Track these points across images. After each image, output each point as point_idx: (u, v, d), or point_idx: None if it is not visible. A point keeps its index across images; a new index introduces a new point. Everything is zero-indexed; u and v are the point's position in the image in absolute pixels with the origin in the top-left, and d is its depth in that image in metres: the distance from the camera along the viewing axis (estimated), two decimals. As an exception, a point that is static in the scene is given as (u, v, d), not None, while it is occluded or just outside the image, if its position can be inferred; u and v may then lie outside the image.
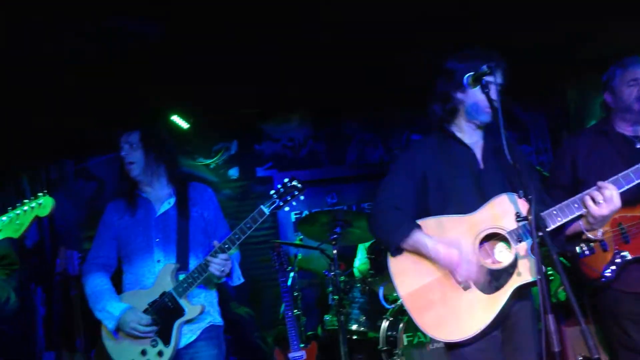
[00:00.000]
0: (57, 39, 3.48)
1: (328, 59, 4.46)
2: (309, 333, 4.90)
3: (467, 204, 2.33)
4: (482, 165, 2.43)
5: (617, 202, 2.17)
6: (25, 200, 1.89)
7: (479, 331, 2.21)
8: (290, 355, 4.20)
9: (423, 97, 2.58)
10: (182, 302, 2.73)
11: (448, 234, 2.31)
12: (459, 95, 2.43)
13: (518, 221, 2.17)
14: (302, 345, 4.28)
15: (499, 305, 2.21)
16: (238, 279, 2.93)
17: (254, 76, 4.65)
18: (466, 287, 2.25)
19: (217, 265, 2.69)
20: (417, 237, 2.31)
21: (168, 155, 3.00)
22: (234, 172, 5.84)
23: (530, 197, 2.01)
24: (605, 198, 2.16)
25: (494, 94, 2.25)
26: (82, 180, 5.62)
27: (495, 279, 2.23)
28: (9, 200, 1.96)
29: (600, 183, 2.20)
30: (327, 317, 4.59)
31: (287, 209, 2.75)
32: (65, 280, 4.76)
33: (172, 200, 2.95)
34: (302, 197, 2.75)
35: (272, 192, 2.74)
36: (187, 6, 3.41)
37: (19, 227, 1.87)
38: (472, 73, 2.31)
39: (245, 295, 5.45)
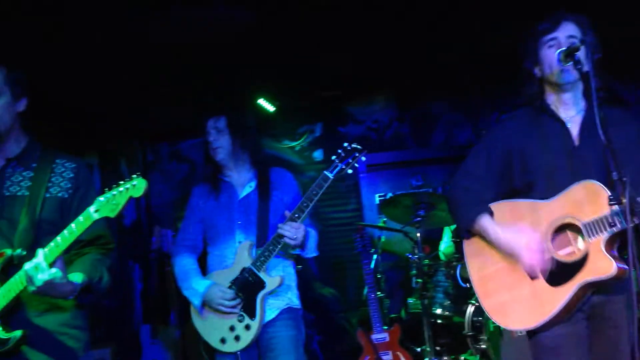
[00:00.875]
0: (146, 25, 3.60)
1: (413, 38, 4.37)
2: (392, 315, 4.90)
3: (557, 185, 2.17)
4: (577, 142, 2.23)
5: None
6: (121, 182, 1.96)
7: (539, 323, 2.11)
8: (373, 336, 4.22)
9: (514, 74, 2.44)
10: (262, 275, 2.79)
11: (520, 221, 2.21)
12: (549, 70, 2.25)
13: (611, 204, 2.01)
14: (385, 327, 4.29)
15: (564, 298, 2.08)
16: (312, 252, 2.94)
17: (338, 58, 4.64)
18: (534, 277, 2.15)
19: (289, 231, 2.72)
20: (482, 223, 2.25)
21: (253, 141, 3.06)
22: (318, 154, 5.89)
23: (625, 179, 1.87)
24: None
25: (586, 70, 2.12)
26: (175, 162, 5.88)
27: (563, 271, 2.10)
28: (109, 182, 2.05)
29: None
30: (410, 300, 4.57)
31: (350, 171, 2.73)
32: (160, 258, 5.01)
33: (254, 184, 3.01)
34: (363, 158, 2.73)
35: (334, 157, 2.74)
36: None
37: (115, 207, 1.94)
38: (563, 48, 2.16)
39: (330, 276, 5.51)
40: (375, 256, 4.72)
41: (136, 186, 1.93)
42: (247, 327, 2.77)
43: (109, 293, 2.35)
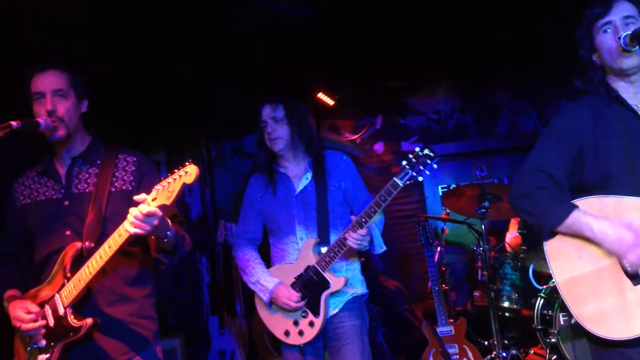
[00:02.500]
0: (209, 23, 3.66)
1: (474, 26, 4.27)
2: (458, 308, 4.83)
3: (633, 179, 2.01)
4: None
5: None
6: (175, 170, 2.00)
7: None
8: (438, 329, 4.17)
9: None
10: (326, 275, 2.79)
11: (625, 217, 1.98)
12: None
13: None
14: (451, 320, 4.23)
15: None
16: (380, 247, 2.90)
17: (398, 50, 4.60)
18: (637, 282, 1.95)
19: (355, 240, 2.69)
20: (578, 217, 2.00)
21: (309, 130, 3.01)
22: (379, 147, 5.86)
23: None
24: None
25: None
26: (238, 157, 5.99)
27: None
28: None
29: None
30: (476, 293, 4.48)
31: (420, 179, 2.63)
32: (225, 251, 5.12)
33: (309, 175, 2.96)
34: (435, 166, 2.61)
35: (404, 162, 2.63)
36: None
37: (170, 194, 1.99)
38: (629, 32, 2.00)
39: (394, 269, 5.49)
40: (438, 248, 4.66)
41: (188, 172, 1.96)
42: (311, 324, 2.79)
43: (179, 281, 2.42)
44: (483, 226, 4.18)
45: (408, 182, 2.62)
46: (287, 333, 2.84)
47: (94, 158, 2.39)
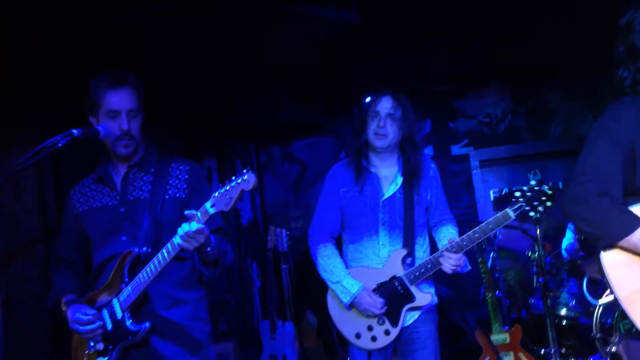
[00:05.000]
0: (259, 29, 3.69)
1: (525, 25, 4.17)
2: (513, 316, 4.71)
3: None
4: None
5: None
6: (233, 177, 2.03)
7: None
8: (493, 337, 4.08)
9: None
10: (413, 289, 2.73)
11: None
12: None
13: None
14: (505, 327, 4.13)
15: None
16: (465, 267, 2.82)
17: (447, 52, 4.54)
18: None
19: (451, 263, 2.64)
20: None
21: (415, 137, 2.91)
22: (428, 151, 5.80)
23: None
24: None
25: None
26: (287, 163, 6.04)
27: None
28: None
29: None
30: (531, 300, 4.37)
31: (532, 214, 2.54)
32: (275, 256, 5.15)
33: (400, 181, 2.85)
34: (549, 204, 2.51)
35: (518, 194, 2.54)
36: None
37: (228, 201, 2.01)
38: None
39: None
40: (491, 254, 4.56)
41: (246, 180, 1.98)
42: (387, 332, 2.74)
43: (230, 286, 2.46)
44: (538, 231, 4.08)
45: (518, 214, 2.55)
46: (357, 335, 2.79)
47: (148, 166, 2.44)
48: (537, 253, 4.09)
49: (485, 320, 4.32)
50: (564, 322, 4.15)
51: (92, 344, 2.27)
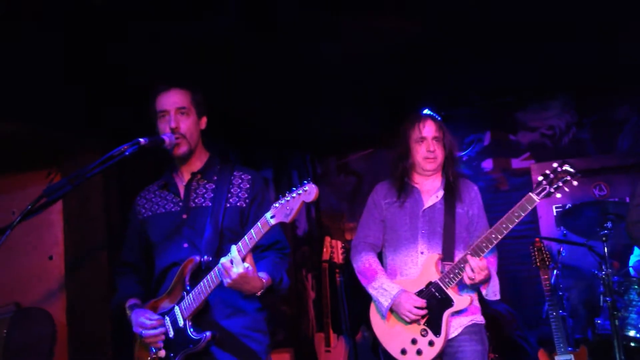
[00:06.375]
0: (317, 40, 3.67)
1: (590, 35, 4.02)
2: (577, 336, 4.52)
3: None
4: None
5: None
6: (293, 188, 2.04)
7: None
8: (557, 358, 3.93)
9: None
10: (450, 292, 2.71)
11: None
12: None
13: None
14: (570, 349, 3.97)
15: None
16: (494, 295, 2.80)
17: (509, 62, 4.44)
18: None
19: (471, 268, 2.61)
20: None
21: (456, 156, 3.05)
22: (487, 164, 5.66)
23: None
24: None
25: None
26: (343, 175, 6.02)
27: None
28: (284, 193, 2.15)
29: None
30: (598, 321, 4.18)
31: (558, 195, 2.49)
32: (331, 268, 5.13)
33: (440, 194, 2.93)
34: (575, 183, 2.46)
35: (541, 177, 2.51)
36: (443, 6, 3.39)
37: (289, 212, 2.01)
38: None
39: (504, 292, 5.23)
40: (555, 271, 4.40)
41: (307, 191, 1.99)
42: (431, 344, 2.70)
43: (287, 298, 2.46)
44: (605, 248, 3.90)
45: (543, 198, 2.51)
46: (403, 351, 2.76)
47: (211, 174, 2.47)
48: (604, 271, 3.92)
49: (546, 339, 4.17)
50: (632, 344, 3.94)
51: (154, 350, 2.30)
